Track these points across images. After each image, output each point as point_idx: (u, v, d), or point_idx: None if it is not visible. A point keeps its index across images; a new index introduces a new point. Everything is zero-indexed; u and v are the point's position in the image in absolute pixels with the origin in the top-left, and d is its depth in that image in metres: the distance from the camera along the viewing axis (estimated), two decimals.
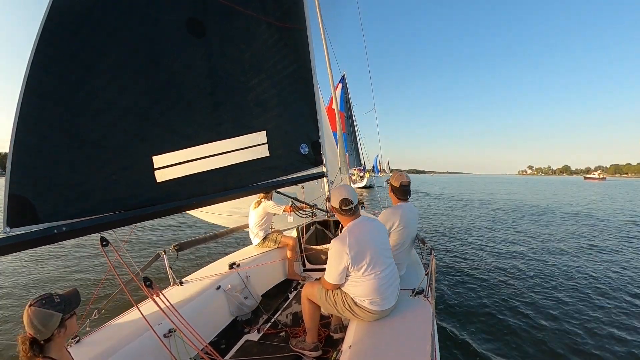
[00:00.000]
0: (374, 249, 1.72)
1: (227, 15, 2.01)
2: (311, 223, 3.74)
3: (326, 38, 5.02)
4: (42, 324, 1.06)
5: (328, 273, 1.79)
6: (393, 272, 1.82)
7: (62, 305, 1.12)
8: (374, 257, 1.70)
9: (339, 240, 1.72)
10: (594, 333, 3.38)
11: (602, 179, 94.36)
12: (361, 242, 1.70)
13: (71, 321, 1.17)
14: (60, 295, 1.15)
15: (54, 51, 1.29)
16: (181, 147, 1.74)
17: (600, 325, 3.54)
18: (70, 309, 1.16)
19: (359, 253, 1.68)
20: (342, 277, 1.75)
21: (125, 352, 1.68)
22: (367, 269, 1.69)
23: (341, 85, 26.91)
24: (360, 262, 1.68)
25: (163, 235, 8.42)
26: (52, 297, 1.12)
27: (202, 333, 1.54)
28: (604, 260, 6.18)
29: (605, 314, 3.80)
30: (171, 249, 2.58)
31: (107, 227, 1.41)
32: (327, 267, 1.79)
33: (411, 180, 2.43)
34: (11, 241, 1.12)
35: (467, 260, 6.12)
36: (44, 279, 5.05)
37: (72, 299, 1.19)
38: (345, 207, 1.76)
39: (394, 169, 12.28)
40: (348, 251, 1.66)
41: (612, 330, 3.43)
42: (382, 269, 1.72)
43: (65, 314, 1.13)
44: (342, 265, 1.69)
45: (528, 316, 3.74)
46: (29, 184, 1.21)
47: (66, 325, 1.14)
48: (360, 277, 1.71)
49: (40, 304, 1.08)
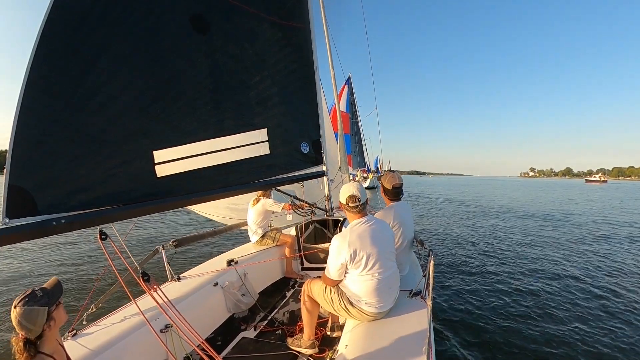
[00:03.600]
0: (376, 249, 1.70)
1: (231, 13, 2.01)
2: (310, 222, 3.74)
3: (329, 37, 5.01)
4: (30, 322, 1.06)
5: (327, 268, 1.80)
6: (394, 276, 1.80)
7: (46, 299, 1.12)
8: (374, 258, 1.69)
9: (341, 236, 1.73)
10: (594, 339, 3.38)
11: (603, 182, 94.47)
12: (362, 240, 1.69)
13: (58, 312, 1.16)
14: (42, 289, 1.14)
15: (56, 45, 1.29)
16: (182, 143, 1.74)
17: (600, 326, 3.54)
18: (55, 300, 1.16)
19: (358, 251, 1.67)
20: (340, 274, 1.75)
21: (122, 347, 1.68)
22: (365, 268, 1.68)
23: (347, 86, 26.91)
24: (358, 260, 1.67)
25: (162, 230, 8.42)
26: (34, 293, 1.11)
27: (198, 329, 1.54)
28: (603, 261, 6.19)
29: (605, 312, 3.81)
30: (170, 244, 2.58)
31: (106, 220, 1.41)
32: (327, 262, 1.80)
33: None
34: (9, 232, 1.12)
35: (464, 263, 6.12)
36: (40, 273, 5.05)
37: (55, 290, 1.18)
38: (352, 203, 1.77)
39: (387, 171, 12.21)
40: (347, 247, 1.66)
41: (605, 325, 3.44)
42: (382, 271, 1.70)
43: (50, 306, 1.12)
44: (341, 261, 1.69)
45: (526, 319, 3.75)
46: (29, 176, 1.21)
47: (54, 317, 1.14)
48: (358, 276, 1.71)
49: (24, 302, 1.07)
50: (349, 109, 27.50)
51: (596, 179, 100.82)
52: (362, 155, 28.91)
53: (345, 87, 26.47)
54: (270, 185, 2.66)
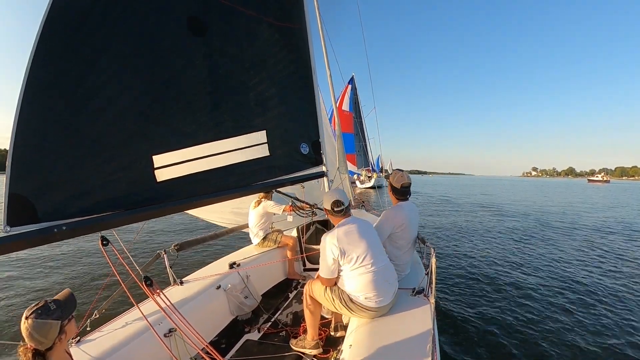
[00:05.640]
0: (364, 243, 1.78)
1: (228, 15, 2.01)
2: (311, 222, 3.74)
3: (325, 37, 5.01)
4: (42, 336, 1.03)
5: (320, 268, 1.87)
6: (388, 269, 1.87)
7: (59, 312, 1.09)
8: (364, 252, 1.76)
9: (328, 235, 1.83)
10: (596, 340, 3.37)
11: (605, 182, 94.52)
12: (350, 236, 1.79)
13: (70, 325, 1.14)
14: (56, 301, 1.11)
15: (55, 47, 1.28)
16: (181, 146, 1.73)
17: (611, 330, 3.53)
18: (68, 314, 1.13)
19: (347, 246, 1.76)
20: (334, 270, 1.82)
21: (126, 352, 1.68)
22: (356, 261, 1.75)
23: (350, 86, 26.86)
24: (349, 254, 1.75)
25: (163, 235, 8.41)
26: (48, 305, 1.07)
27: (202, 333, 1.54)
28: (603, 262, 6.18)
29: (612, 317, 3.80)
30: (171, 248, 2.58)
31: (107, 226, 1.40)
32: (319, 262, 1.87)
33: (412, 181, 2.45)
34: (11, 240, 1.11)
35: (466, 261, 6.11)
36: (42, 280, 5.04)
37: (68, 303, 1.15)
38: (337, 208, 1.89)
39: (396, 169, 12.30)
40: (336, 243, 1.75)
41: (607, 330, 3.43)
42: (374, 263, 1.77)
43: (63, 320, 1.09)
44: (332, 258, 1.78)
45: (530, 317, 3.74)
46: (29, 183, 1.20)
47: (66, 331, 1.11)
48: (351, 270, 1.77)
49: (36, 314, 1.03)
50: (352, 108, 27.47)
51: (598, 179, 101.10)
52: (367, 155, 28.87)
53: (348, 87, 26.44)
54: (270, 187, 2.65)
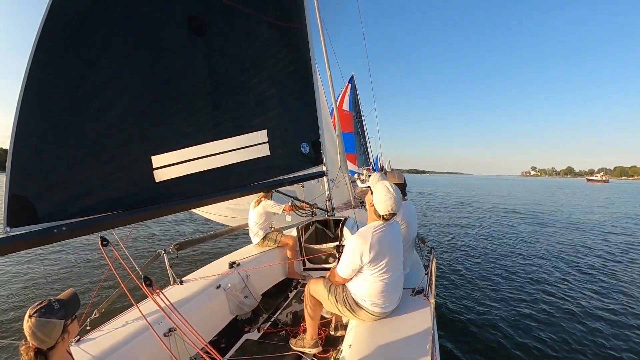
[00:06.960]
0: (391, 254, 1.72)
1: (228, 14, 2.00)
2: (311, 222, 3.74)
3: (325, 37, 5.01)
4: (45, 335, 1.03)
5: (341, 266, 1.76)
6: (400, 277, 1.83)
7: (63, 311, 1.09)
8: (388, 262, 1.70)
9: (361, 237, 1.69)
10: (598, 340, 3.38)
11: (604, 181, 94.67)
12: (382, 244, 1.68)
13: (73, 325, 1.14)
14: (59, 300, 1.11)
15: (55, 47, 1.27)
16: (181, 146, 1.73)
17: (613, 331, 3.54)
18: (72, 314, 1.13)
19: (378, 254, 1.67)
20: (353, 274, 1.75)
21: (125, 351, 1.68)
22: (378, 268, 1.69)
23: (350, 85, 26.81)
24: (377, 263, 1.68)
25: (163, 234, 8.41)
26: (52, 305, 1.07)
27: (202, 332, 1.54)
28: (616, 263, 6.19)
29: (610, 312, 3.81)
30: (171, 248, 2.58)
31: (106, 226, 1.40)
32: (341, 260, 1.77)
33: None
34: (11, 241, 1.11)
35: (466, 261, 6.12)
36: (42, 279, 5.04)
37: (72, 303, 1.15)
38: (388, 215, 1.71)
39: (394, 169, 12.39)
40: (369, 250, 1.64)
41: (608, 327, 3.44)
42: (389, 271, 1.72)
43: (66, 319, 1.09)
44: (358, 263, 1.67)
45: (530, 317, 3.75)
46: (29, 184, 1.20)
47: (69, 331, 1.11)
48: (369, 277, 1.71)
49: (40, 313, 1.03)
50: (353, 107, 27.42)
51: (597, 179, 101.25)
52: (367, 154, 28.82)
53: (348, 86, 26.40)
54: (270, 187, 2.65)
